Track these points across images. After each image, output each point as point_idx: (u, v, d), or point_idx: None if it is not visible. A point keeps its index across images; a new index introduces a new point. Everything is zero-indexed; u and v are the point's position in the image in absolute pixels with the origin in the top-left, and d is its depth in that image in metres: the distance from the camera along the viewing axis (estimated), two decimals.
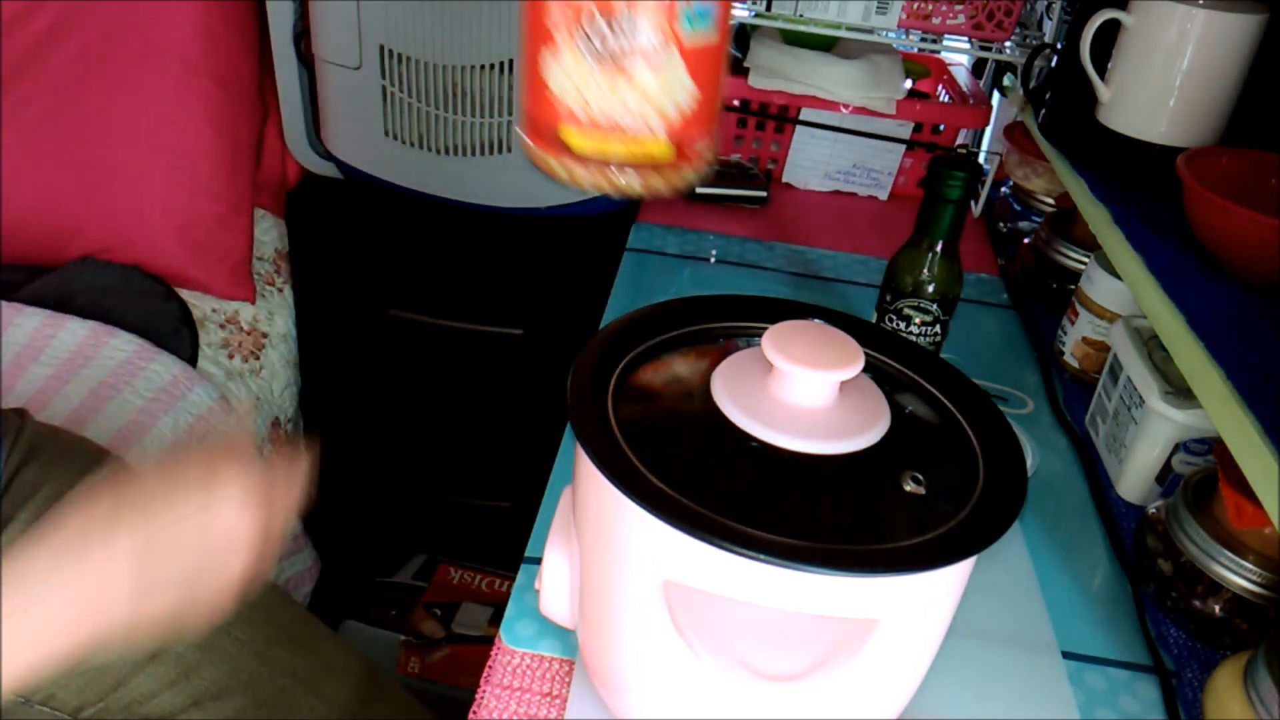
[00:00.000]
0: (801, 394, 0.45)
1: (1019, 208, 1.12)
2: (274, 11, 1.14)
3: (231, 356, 1.24)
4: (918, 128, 1.15)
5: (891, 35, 1.08)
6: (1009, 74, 1.16)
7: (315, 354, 1.38)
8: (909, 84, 1.19)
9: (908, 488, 0.43)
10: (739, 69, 1.15)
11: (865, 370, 0.45)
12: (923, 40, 1.09)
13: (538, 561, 0.60)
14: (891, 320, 0.74)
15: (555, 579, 0.49)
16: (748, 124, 1.17)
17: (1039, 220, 1.08)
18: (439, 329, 1.29)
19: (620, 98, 0.48)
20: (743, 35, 1.23)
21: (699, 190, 1.12)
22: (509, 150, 1.14)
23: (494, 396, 1.36)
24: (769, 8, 1.09)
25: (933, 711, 0.55)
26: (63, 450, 0.70)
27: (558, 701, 0.55)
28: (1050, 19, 1.04)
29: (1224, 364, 0.53)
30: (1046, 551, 0.69)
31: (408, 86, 1.10)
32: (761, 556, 0.38)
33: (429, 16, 1.05)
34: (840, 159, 1.17)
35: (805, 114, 1.14)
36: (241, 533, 0.48)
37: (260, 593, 0.74)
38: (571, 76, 0.49)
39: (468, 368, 1.33)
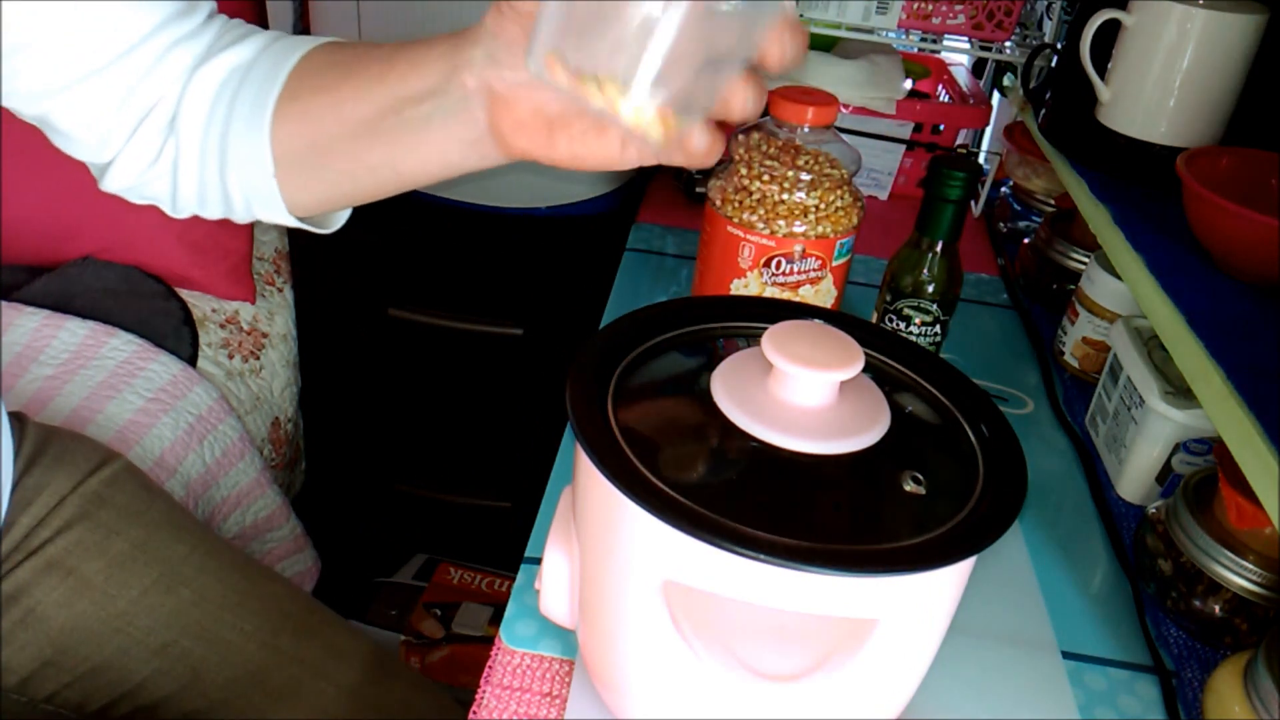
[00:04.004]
0: (801, 394, 0.45)
1: (1019, 208, 1.12)
2: (274, 11, 1.14)
3: (231, 356, 1.24)
4: (918, 128, 1.15)
5: (891, 35, 1.08)
6: (1009, 74, 1.16)
7: (315, 354, 1.38)
8: (909, 84, 1.19)
9: (908, 488, 0.43)
10: None
11: (865, 370, 0.45)
12: (923, 40, 1.09)
13: (538, 561, 0.60)
14: (891, 320, 0.74)
15: (555, 579, 0.49)
16: (748, 124, 1.17)
17: (1039, 220, 1.08)
18: (439, 329, 1.29)
19: None
20: None
21: (699, 190, 1.13)
22: None
23: (494, 396, 1.36)
24: None
25: (933, 711, 0.55)
26: (64, 451, 0.70)
27: (558, 701, 0.55)
28: (1050, 19, 1.04)
29: (1224, 364, 0.53)
30: (1046, 551, 0.69)
31: None
32: (761, 556, 0.38)
33: (428, 17, 1.05)
34: None
35: None
36: None
37: (265, 584, 0.75)
38: (750, 292, 0.73)
39: (468, 368, 1.33)
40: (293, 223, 0.57)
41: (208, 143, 0.54)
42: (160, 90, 0.53)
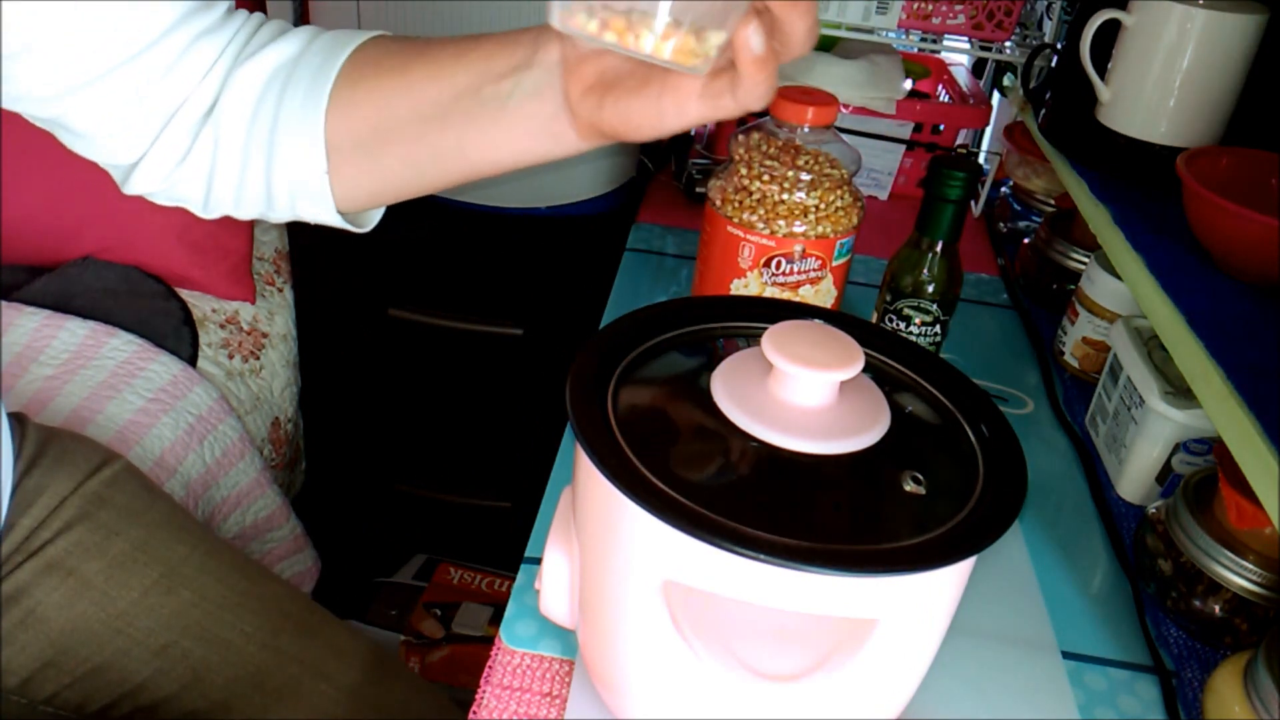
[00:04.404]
0: (801, 394, 0.45)
1: (1019, 208, 1.12)
2: (274, 12, 1.14)
3: (231, 356, 1.24)
4: (918, 128, 1.15)
5: (891, 35, 1.08)
6: (1009, 74, 1.16)
7: (315, 354, 1.38)
8: (909, 84, 1.19)
9: (908, 488, 0.43)
10: None
11: (865, 370, 0.45)
12: (923, 40, 1.09)
13: (538, 561, 0.60)
14: (891, 320, 0.74)
15: (555, 579, 0.49)
16: (747, 124, 1.17)
17: (1039, 220, 1.08)
18: (439, 329, 1.29)
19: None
20: None
21: (699, 190, 1.13)
22: None
23: (494, 396, 1.36)
24: None
25: (933, 711, 0.55)
26: (65, 452, 0.70)
27: (558, 701, 0.55)
28: (1050, 19, 1.04)
29: (1224, 364, 0.53)
30: (1046, 551, 0.69)
31: None
32: (761, 556, 0.38)
33: (429, 17, 1.05)
34: None
35: None
36: None
37: (265, 584, 0.75)
38: (750, 292, 0.73)
39: (468, 368, 1.33)
40: (336, 220, 0.56)
41: (252, 141, 0.53)
42: (186, 88, 0.52)
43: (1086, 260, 0.92)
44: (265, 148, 0.53)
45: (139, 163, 0.54)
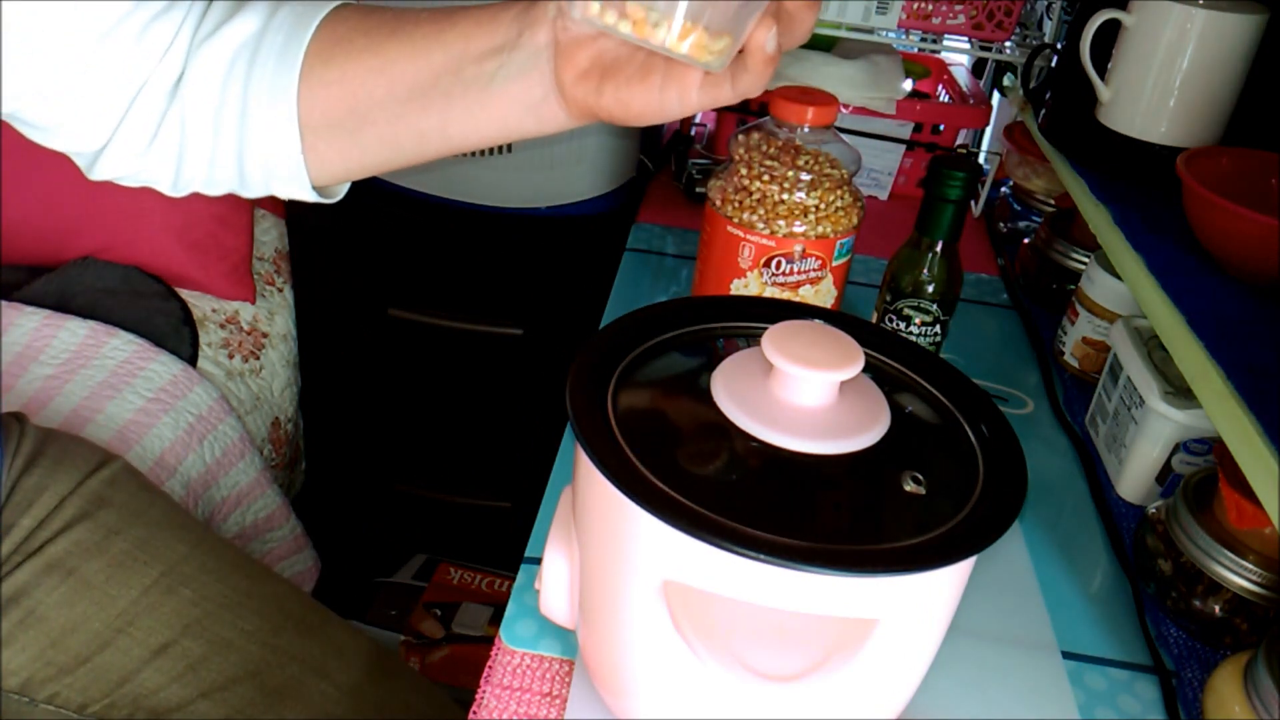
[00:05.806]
0: (801, 394, 0.45)
1: (1019, 208, 1.12)
2: None
3: (231, 356, 1.24)
4: (918, 128, 1.15)
5: (891, 35, 1.08)
6: (1009, 74, 1.16)
7: (315, 354, 1.38)
8: (909, 84, 1.19)
9: (908, 488, 0.43)
10: None
11: (865, 370, 0.45)
12: (923, 40, 1.09)
13: (538, 561, 0.60)
14: (891, 320, 0.74)
15: (555, 579, 0.49)
16: (747, 123, 1.17)
17: (1039, 220, 1.08)
18: (439, 329, 1.29)
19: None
20: None
21: (699, 190, 1.13)
22: (509, 151, 1.14)
23: (494, 396, 1.36)
24: None
25: (933, 711, 0.55)
26: (63, 454, 0.70)
27: (558, 701, 0.55)
28: (1050, 19, 1.04)
29: (1224, 364, 0.53)
30: (1046, 551, 0.69)
31: None
32: (761, 556, 0.38)
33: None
34: None
35: None
36: None
37: (265, 583, 0.75)
38: (750, 292, 0.72)
39: (468, 368, 1.33)
40: (310, 196, 0.55)
41: (221, 122, 0.52)
42: (144, 71, 0.51)
43: (1086, 260, 0.92)
44: (236, 129, 0.52)
45: (104, 149, 0.53)
